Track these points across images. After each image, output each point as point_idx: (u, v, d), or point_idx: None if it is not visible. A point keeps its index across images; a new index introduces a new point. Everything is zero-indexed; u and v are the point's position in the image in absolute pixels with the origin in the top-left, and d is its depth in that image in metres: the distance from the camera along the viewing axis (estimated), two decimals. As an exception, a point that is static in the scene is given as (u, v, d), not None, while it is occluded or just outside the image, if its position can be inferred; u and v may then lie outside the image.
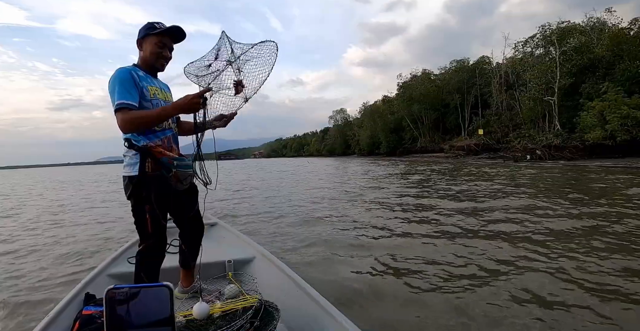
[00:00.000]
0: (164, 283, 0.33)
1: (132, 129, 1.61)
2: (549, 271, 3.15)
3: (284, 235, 4.95)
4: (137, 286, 0.35)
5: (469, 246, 4.03)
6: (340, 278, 3.13)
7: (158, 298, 0.36)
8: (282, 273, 2.11)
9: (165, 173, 1.67)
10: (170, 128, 1.85)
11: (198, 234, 2.06)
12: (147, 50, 1.77)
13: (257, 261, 2.48)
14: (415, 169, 21.13)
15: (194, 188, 1.96)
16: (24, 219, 7.76)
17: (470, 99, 44.70)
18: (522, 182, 11.27)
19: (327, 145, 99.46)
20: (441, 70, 52.25)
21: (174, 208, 1.90)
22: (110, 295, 0.36)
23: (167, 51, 1.81)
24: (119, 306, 0.36)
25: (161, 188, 1.69)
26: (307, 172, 23.73)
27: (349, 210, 7.14)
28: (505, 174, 14.98)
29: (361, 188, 11.16)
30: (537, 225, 4.93)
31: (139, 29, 1.79)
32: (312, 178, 17.09)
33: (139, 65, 1.80)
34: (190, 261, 2.07)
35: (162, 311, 0.35)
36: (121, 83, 1.61)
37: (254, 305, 1.55)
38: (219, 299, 1.73)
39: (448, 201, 7.61)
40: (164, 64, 1.85)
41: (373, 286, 2.96)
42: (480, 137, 38.51)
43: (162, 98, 1.81)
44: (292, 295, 1.85)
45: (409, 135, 54.48)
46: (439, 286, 2.91)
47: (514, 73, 37.09)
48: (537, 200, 7.09)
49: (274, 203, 8.52)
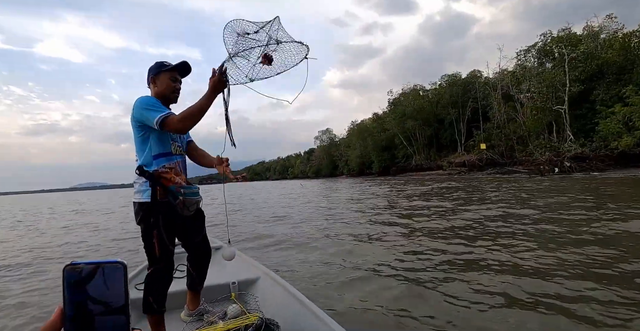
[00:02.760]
0: (118, 259, 0.35)
1: (191, 124, 1.74)
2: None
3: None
4: (92, 263, 0.37)
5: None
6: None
7: (113, 274, 0.38)
8: (286, 291, 2.16)
9: (172, 200, 1.76)
10: (180, 153, 1.98)
11: (205, 258, 2.12)
12: (162, 85, 1.93)
13: (261, 282, 2.53)
14: (432, 190, 17.69)
15: (201, 214, 2.06)
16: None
17: (467, 113, 42.61)
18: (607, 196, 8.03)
19: (313, 167, 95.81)
20: (432, 85, 50.59)
21: (182, 233, 1.98)
22: (67, 271, 0.37)
23: (178, 84, 1.99)
24: (75, 283, 0.38)
25: (169, 214, 1.78)
26: (324, 206, 20.00)
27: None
28: (568, 189, 11.81)
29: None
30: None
31: (149, 68, 1.97)
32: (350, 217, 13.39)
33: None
34: (197, 285, 2.12)
35: (116, 288, 0.38)
36: (152, 105, 1.77)
37: (254, 322, 1.72)
38: (222, 320, 1.87)
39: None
40: (177, 96, 2.01)
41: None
42: (483, 151, 35.99)
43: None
44: (295, 312, 1.89)
45: (402, 152, 51.66)
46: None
47: (514, 84, 35.20)
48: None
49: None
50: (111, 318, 0.39)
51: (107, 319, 0.39)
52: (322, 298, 2.98)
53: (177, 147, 1.95)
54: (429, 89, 50.25)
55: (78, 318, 0.39)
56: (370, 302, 2.87)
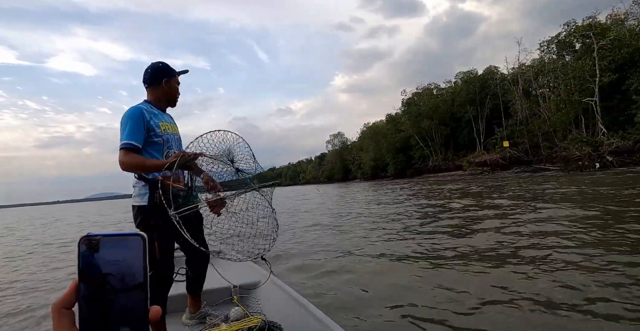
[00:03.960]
0: (137, 232, 0.34)
1: (127, 169, 1.76)
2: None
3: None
4: (110, 234, 0.36)
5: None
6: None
7: (132, 248, 0.36)
8: (287, 295, 2.20)
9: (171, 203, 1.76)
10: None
11: (203, 260, 2.11)
12: (173, 89, 2.01)
13: (263, 285, 2.49)
14: (479, 189, 16.43)
15: (199, 216, 2.03)
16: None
17: (485, 111, 41.09)
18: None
19: (325, 171, 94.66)
20: (446, 83, 49.22)
21: (180, 236, 1.84)
22: (83, 243, 0.35)
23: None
24: (91, 256, 0.35)
25: (168, 217, 1.70)
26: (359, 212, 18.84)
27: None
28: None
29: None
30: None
31: (159, 68, 1.98)
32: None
33: (151, 101, 1.98)
34: (196, 287, 2.13)
35: (135, 263, 0.35)
36: (133, 123, 1.79)
37: (257, 325, 1.71)
38: (224, 322, 1.90)
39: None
40: (175, 104, 2.08)
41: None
42: (506, 149, 34.40)
43: (172, 132, 1.99)
44: (296, 315, 1.91)
45: (418, 154, 50.17)
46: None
47: (535, 77, 33.70)
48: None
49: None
50: (129, 295, 0.37)
51: (124, 296, 0.37)
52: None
53: (172, 153, 1.93)
54: (444, 87, 48.88)
55: (93, 294, 0.36)
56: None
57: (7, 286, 4.49)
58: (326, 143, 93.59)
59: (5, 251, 7.99)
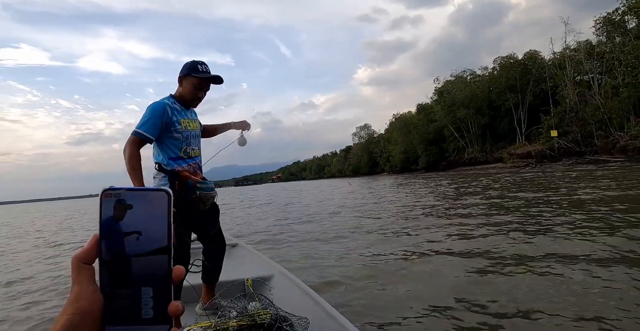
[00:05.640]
0: (162, 188, 0.32)
1: (124, 153, 1.83)
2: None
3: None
4: (133, 189, 0.34)
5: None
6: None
7: (155, 202, 0.34)
8: (300, 289, 2.19)
9: (189, 195, 1.89)
10: (198, 155, 2.08)
11: (220, 250, 2.20)
12: (185, 89, 1.98)
13: (276, 279, 2.56)
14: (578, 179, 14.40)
15: (216, 208, 2.15)
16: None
17: (527, 98, 38.04)
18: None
19: (351, 165, 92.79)
20: (482, 70, 46.11)
21: (198, 226, 2.08)
22: (105, 196, 0.33)
23: (203, 93, 2.03)
24: (113, 209, 0.34)
25: (186, 208, 1.87)
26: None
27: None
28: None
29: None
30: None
31: (184, 65, 2.00)
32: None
33: (176, 96, 2.01)
34: (212, 277, 2.20)
35: (158, 222, 0.34)
36: (151, 116, 1.86)
37: (269, 318, 1.67)
38: (237, 314, 1.82)
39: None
40: (197, 104, 2.08)
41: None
42: (554, 139, 31.53)
43: (192, 128, 2.04)
44: (308, 309, 1.89)
45: (452, 145, 47.52)
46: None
47: (589, 59, 30.57)
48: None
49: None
50: (151, 252, 0.35)
51: (146, 254, 0.35)
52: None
53: (192, 149, 2.03)
54: (481, 74, 45.81)
55: (114, 250, 0.35)
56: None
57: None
58: (352, 136, 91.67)
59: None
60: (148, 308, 0.35)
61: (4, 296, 4.03)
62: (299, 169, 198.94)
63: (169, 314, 0.35)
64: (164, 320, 0.35)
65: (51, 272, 5.10)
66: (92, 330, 0.34)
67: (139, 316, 0.35)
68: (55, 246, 8.08)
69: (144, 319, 0.35)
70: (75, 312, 0.33)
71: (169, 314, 0.35)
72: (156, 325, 0.35)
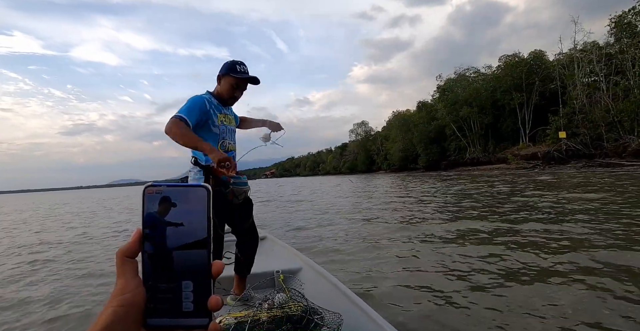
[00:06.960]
0: (202, 183, 0.35)
1: (170, 134, 1.80)
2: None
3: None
4: (174, 185, 0.35)
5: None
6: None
7: (195, 198, 0.35)
8: (329, 283, 2.17)
9: (223, 189, 1.93)
10: (233, 150, 2.12)
11: (253, 243, 2.23)
12: (223, 87, 2.05)
13: (304, 272, 2.55)
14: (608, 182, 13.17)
15: (249, 202, 2.18)
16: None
17: (533, 98, 37.11)
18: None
19: (347, 162, 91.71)
20: (486, 68, 45.12)
21: (231, 220, 2.12)
22: (148, 191, 0.35)
23: (240, 92, 2.09)
24: (155, 204, 0.35)
25: (220, 202, 1.92)
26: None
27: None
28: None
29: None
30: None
31: (224, 64, 2.06)
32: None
33: (214, 94, 2.09)
34: (245, 270, 2.23)
35: (198, 217, 0.35)
36: (192, 104, 1.91)
37: (299, 311, 1.67)
38: (267, 306, 1.82)
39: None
40: (234, 103, 2.14)
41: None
42: (562, 140, 30.64)
43: (228, 123, 2.10)
44: (336, 303, 1.88)
45: (454, 145, 46.57)
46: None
47: (599, 60, 29.66)
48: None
49: None
50: (192, 247, 0.36)
51: (187, 248, 0.36)
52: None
53: (227, 143, 2.08)
54: (485, 72, 44.81)
55: (156, 244, 0.36)
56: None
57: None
58: (349, 133, 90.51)
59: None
60: (189, 301, 0.36)
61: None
62: (293, 165, 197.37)
63: (209, 308, 0.36)
64: (204, 313, 0.36)
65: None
66: (135, 322, 0.35)
67: (179, 310, 0.36)
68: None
69: (185, 312, 0.36)
70: (121, 304, 0.34)
71: (208, 308, 0.36)
72: (196, 318, 0.36)
